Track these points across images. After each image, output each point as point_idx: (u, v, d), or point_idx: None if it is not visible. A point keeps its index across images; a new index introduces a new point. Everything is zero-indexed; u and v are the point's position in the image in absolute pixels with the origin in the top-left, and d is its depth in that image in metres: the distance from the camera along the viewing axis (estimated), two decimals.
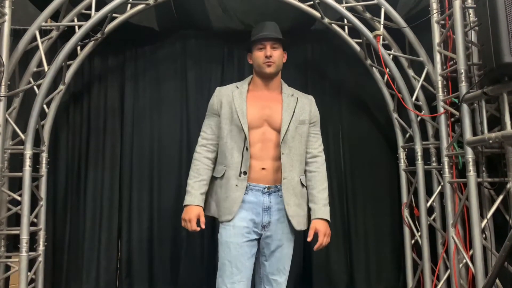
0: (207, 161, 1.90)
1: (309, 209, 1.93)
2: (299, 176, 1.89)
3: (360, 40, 2.84)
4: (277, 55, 1.89)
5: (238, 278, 1.75)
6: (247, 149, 1.81)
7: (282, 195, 1.83)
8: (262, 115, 1.87)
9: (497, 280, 2.12)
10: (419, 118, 2.76)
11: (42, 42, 2.72)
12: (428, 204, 2.70)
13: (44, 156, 2.77)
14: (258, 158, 1.83)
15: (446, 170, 2.49)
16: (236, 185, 1.80)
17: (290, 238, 1.88)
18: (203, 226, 1.78)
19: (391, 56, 2.81)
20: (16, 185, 2.75)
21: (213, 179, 1.92)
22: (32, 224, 2.65)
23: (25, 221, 2.48)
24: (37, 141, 2.70)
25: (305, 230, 1.94)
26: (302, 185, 1.91)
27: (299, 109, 1.92)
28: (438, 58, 2.59)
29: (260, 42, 1.88)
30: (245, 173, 1.81)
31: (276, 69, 1.90)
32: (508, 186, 2.22)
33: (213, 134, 1.92)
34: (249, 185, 1.82)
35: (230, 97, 1.90)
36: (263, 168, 1.83)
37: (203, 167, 1.88)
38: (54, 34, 2.78)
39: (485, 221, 2.27)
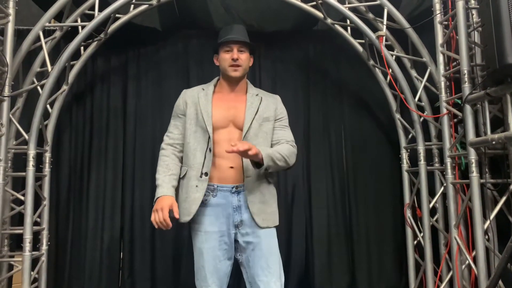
0: (176, 158, 1.89)
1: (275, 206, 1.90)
2: (265, 173, 1.86)
3: (363, 41, 2.84)
4: (244, 59, 1.90)
5: (211, 281, 1.78)
6: (210, 150, 1.81)
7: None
8: (227, 116, 1.87)
9: (500, 282, 2.11)
10: (421, 118, 2.75)
11: (45, 43, 2.72)
12: (431, 205, 2.70)
13: (47, 156, 2.79)
14: (226, 157, 1.81)
15: (449, 171, 2.48)
16: (196, 186, 1.79)
17: (267, 233, 1.83)
18: (177, 216, 1.72)
19: (394, 56, 2.81)
20: (19, 184, 2.76)
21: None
22: (35, 223, 2.65)
23: (28, 220, 2.49)
24: (41, 141, 2.71)
25: (275, 226, 1.89)
26: (269, 182, 1.88)
27: (263, 107, 1.92)
28: (441, 58, 2.58)
29: (227, 45, 1.89)
30: (206, 174, 1.80)
31: (243, 73, 1.91)
32: (511, 187, 2.21)
33: (180, 135, 1.92)
34: (217, 187, 1.81)
35: (196, 99, 1.91)
36: (231, 167, 1.82)
37: (172, 163, 1.87)
38: (57, 34, 2.79)
39: (488, 222, 2.27)
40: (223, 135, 1.85)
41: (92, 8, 2.73)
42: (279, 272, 1.82)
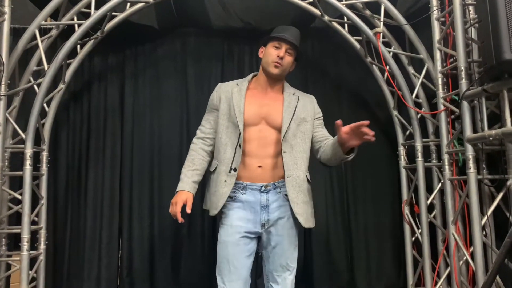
0: (203, 153, 1.91)
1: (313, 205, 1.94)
2: (305, 173, 1.89)
3: (360, 38, 2.84)
4: (288, 61, 1.90)
5: (236, 276, 1.77)
6: (240, 146, 1.82)
7: (280, 192, 1.84)
8: (260, 113, 1.87)
9: (498, 277, 2.12)
10: (419, 115, 2.76)
11: (42, 41, 2.72)
12: (429, 202, 2.71)
13: (44, 155, 2.78)
14: (255, 156, 1.83)
15: (446, 167, 2.49)
16: (225, 181, 1.81)
17: (291, 233, 1.86)
18: (188, 211, 1.75)
19: (391, 53, 2.81)
20: (16, 184, 2.75)
21: (208, 173, 1.94)
22: (33, 222, 2.65)
23: (26, 219, 2.49)
24: (38, 140, 2.70)
25: (309, 227, 1.93)
26: (308, 182, 1.91)
27: (301, 107, 1.93)
28: (438, 55, 2.58)
29: (278, 42, 1.89)
30: (235, 169, 1.81)
31: (282, 72, 1.91)
32: (508, 183, 2.22)
33: (211, 129, 1.93)
34: (246, 185, 1.82)
35: (229, 94, 1.91)
36: (259, 166, 1.83)
37: (198, 157, 1.90)
38: (53, 32, 2.78)
39: (485, 218, 2.27)
40: (254, 133, 1.85)
41: (88, 6, 2.73)
42: (295, 269, 1.89)
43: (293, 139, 1.86)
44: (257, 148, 1.84)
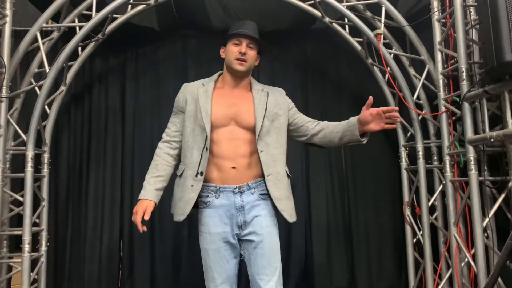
0: (168, 157, 1.88)
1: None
2: (284, 168, 1.87)
3: (361, 39, 2.84)
4: (251, 55, 1.86)
5: (220, 281, 1.78)
6: (206, 149, 1.78)
7: (254, 192, 1.80)
8: (228, 114, 1.83)
9: (499, 279, 2.11)
10: (420, 117, 2.75)
11: (43, 43, 2.72)
12: (430, 203, 2.70)
13: (45, 157, 2.78)
14: (227, 158, 1.79)
15: (448, 168, 2.49)
16: (192, 186, 1.78)
17: (270, 232, 1.82)
18: (146, 218, 1.75)
19: (392, 54, 2.81)
20: (18, 185, 2.76)
21: (176, 177, 1.90)
22: (34, 224, 2.65)
23: (27, 221, 2.49)
24: (39, 142, 2.71)
25: (292, 223, 1.91)
26: (288, 176, 1.89)
27: (272, 102, 1.89)
28: (439, 56, 2.58)
29: (237, 38, 1.85)
30: (201, 173, 1.77)
31: (248, 69, 1.86)
32: (509, 184, 2.22)
33: (177, 131, 1.89)
34: (220, 188, 1.79)
35: (195, 95, 1.87)
36: (233, 167, 1.79)
37: (163, 163, 1.86)
38: (55, 35, 2.79)
39: (487, 219, 2.27)
40: (224, 134, 1.81)
41: (89, 8, 2.73)
42: (280, 272, 1.81)
43: (268, 136, 1.83)
44: (228, 149, 1.80)
